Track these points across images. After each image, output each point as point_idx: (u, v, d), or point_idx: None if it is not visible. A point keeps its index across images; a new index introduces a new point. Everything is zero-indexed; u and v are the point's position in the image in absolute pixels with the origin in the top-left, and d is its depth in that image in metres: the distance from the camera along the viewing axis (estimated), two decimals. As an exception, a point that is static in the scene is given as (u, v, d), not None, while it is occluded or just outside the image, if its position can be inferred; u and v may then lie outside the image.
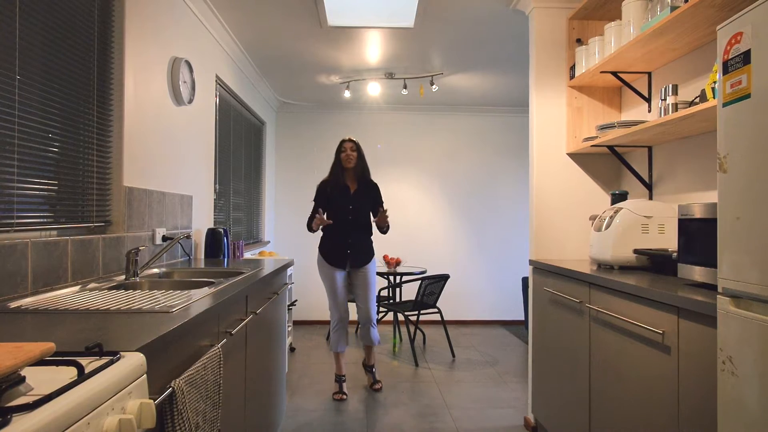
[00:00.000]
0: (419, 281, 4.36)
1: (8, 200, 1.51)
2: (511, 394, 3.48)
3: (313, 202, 3.44)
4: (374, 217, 3.43)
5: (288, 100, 5.63)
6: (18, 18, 1.53)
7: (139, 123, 2.29)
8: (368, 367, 3.64)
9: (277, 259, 3.48)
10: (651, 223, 2.20)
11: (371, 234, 3.50)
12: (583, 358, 2.16)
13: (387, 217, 3.31)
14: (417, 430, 2.87)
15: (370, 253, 3.47)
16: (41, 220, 1.67)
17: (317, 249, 3.48)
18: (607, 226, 2.28)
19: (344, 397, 3.36)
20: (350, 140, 3.41)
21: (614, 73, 2.61)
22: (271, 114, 5.54)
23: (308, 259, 5.70)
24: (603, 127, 2.54)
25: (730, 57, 1.26)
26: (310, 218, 3.37)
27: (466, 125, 5.93)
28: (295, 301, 4.63)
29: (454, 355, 4.47)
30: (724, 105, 1.28)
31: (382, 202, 3.49)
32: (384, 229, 3.40)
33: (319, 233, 3.48)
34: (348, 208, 3.37)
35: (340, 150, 3.41)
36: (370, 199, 3.47)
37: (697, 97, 2.02)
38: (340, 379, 3.46)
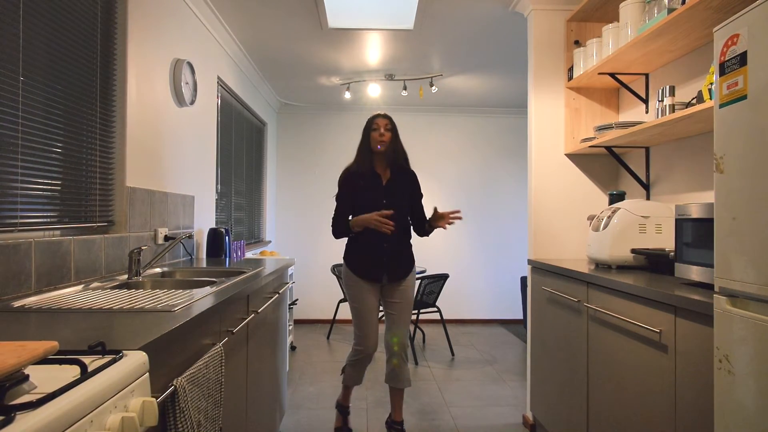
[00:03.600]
0: (419, 280, 4.37)
1: (12, 200, 1.52)
2: (509, 392, 3.49)
3: (336, 199, 2.67)
4: (423, 218, 2.74)
5: (289, 101, 5.65)
6: (22, 20, 1.54)
7: (142, 124, 2.30)
8: (398, 425, 2.71)
9: (279, 258, 3.49)
10: (648, 223, 2.21)
11: (411, 236, 2.71)
12: (581, 357, 2.17)
13: (443, 219, 2.59)
14: (417, 428, 2.88)
15: (411, 261, 2.69)
16: (45, 219, 1.69)
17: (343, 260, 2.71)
18: (605, 226, 2.29)
19: None
20: (384, 116, 2.63)
21: (612, 75, 2.62)
22: (272, 115, 5.55)
23: (309, 259, 5.71)
24: (601, 128, 2.55)
25: (726, 58, 1.27)
26: (338, 220, 2.62)
27: (466, 126, 5.95)
28: (296, 300, 4.64)
29: (453, 354, 4.48)
30: (721, 106, 1.29)
31: (422, 195, 2.75)
32: (430, 230, 2.73)
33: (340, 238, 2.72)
34: (381, 203, 2.56)
35: (370, 128, 2.60)
36: (408, 190, 2.68)
37: (694, 99, 2.03)
38: (345, 411, 2.77)
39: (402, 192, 2.66)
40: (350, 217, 2.64)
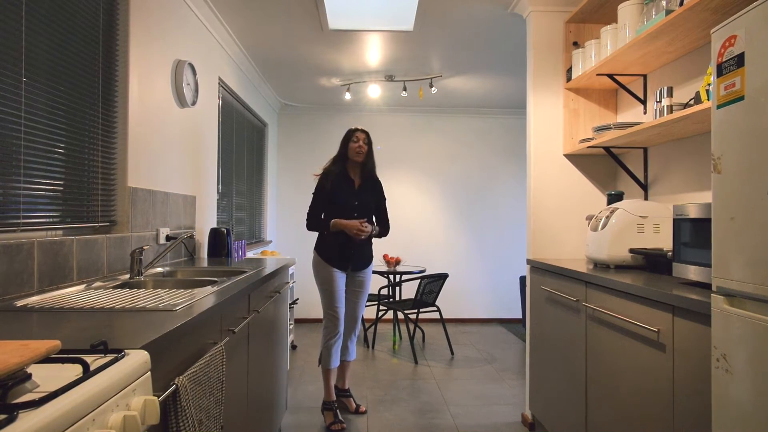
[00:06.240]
0: (419, 280, 4.38)
1: (15, 200, 1.53)
2: (508, 391, 3.50)
3: (314, 195, 3.07)
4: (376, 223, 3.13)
5: (289, 102, 5.66)
6: (24, 21, 1.55)
7: (144, 124, 2.31)
8: (345, 392, 3.17)
9: (279, 258, 3.50)
10: (646, 222, 2.22)
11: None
12: (580, 356, 2.18)
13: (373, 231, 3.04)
14: (416, 427, 2.89)
15: (371, 256, 3.15)
16: (47, 219, 1.70)
17: (313, 250, 3.12)
18: (603, 226, 2.30)
19: (344, 426, 2.87)
20: (363, 130, 3.04)
21: (610, 76, 2.63)
22: (272, 115, 5.56)
23: (310, 259, 5.70)
24: (599, 129, 2.56)
25: (724, 60, 1.28)
26: (316, 215, 3.01)
27: (465, 127, 5.96)
28: (297, 299, 4.65)
29: (452, 353, 4.49)
30: (719, 107, 1.30)
31: (386, 199, 3.19)
32: (380, 235, 3.15)
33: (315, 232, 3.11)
34: (353, 204, 2.99)
35: (349, 139, 3.01)
36: (375, 196, 3.12)
37: (691, 99, 2.04)
38: (332, 405, 2.97)
39: (370, 196, 3.09)
40: (323, 216, 3.02)
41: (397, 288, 4.88)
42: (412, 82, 4.63)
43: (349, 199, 2.99)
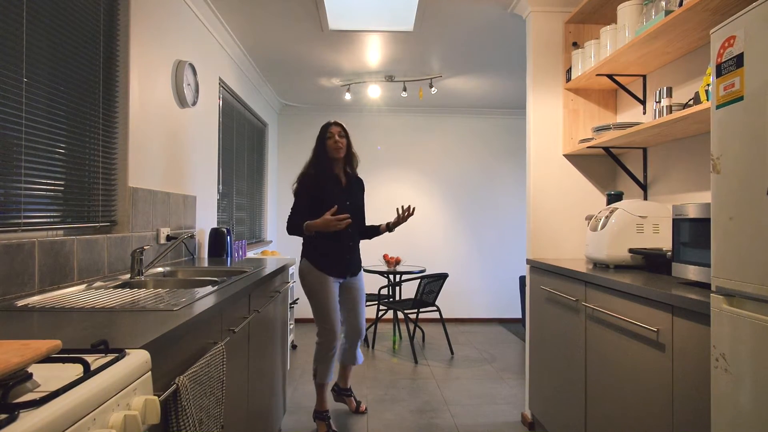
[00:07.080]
0: (418, 280, 4.38)
1: (16, 200, 1.53)
2: (508, 391, 3.51)
3: (296, 198, 2.78)
4: (399, 216, 2.81)
5: (290, 102, 5.66)
6: (25, 22, 1.56)
7: (144, 125, 2.31)
8: (347, 391, 3.12)
9: (279, 258, 3.50)
10: (646, 222, 2.22)
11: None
12: (579, 356, 2.18)
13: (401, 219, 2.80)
14: (416, 426, 2.90)
15: (360, 259, 2.97)
16: (48, 219, 1.70)
17: (301, 257, 2.82)
18: (603, 226, 2.31)
19: None
20: (336, 123, 2.80)
21: (610, 76, 2.63)
22: (273, 116, 5.57)
23: (309, 259, 5.72)
24: (599, 129, 2.56)
25: (723, 60, 1.28)
26: (296, 219, 2.71)
27: (465, 127, 5.96)
28: (297, 299, 4.65)
29: (452, 353, 4.49)
30: (718, 107, 1.30)
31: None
32: (376, 234, 2.95)
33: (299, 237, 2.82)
34: (345, 204, 2.75)
35: (324, 136, 2.78)
36: (362, 195, 2.94)
37: (691, 100, 2.04)
38: (325, 415, 2.85)
39: (358, 194, 2.92)
40: (304, 221, 2.71)
41: (397, 288, 4.88)
42: (412, 83, 4.63)
43: (340, 200, 2.72)
